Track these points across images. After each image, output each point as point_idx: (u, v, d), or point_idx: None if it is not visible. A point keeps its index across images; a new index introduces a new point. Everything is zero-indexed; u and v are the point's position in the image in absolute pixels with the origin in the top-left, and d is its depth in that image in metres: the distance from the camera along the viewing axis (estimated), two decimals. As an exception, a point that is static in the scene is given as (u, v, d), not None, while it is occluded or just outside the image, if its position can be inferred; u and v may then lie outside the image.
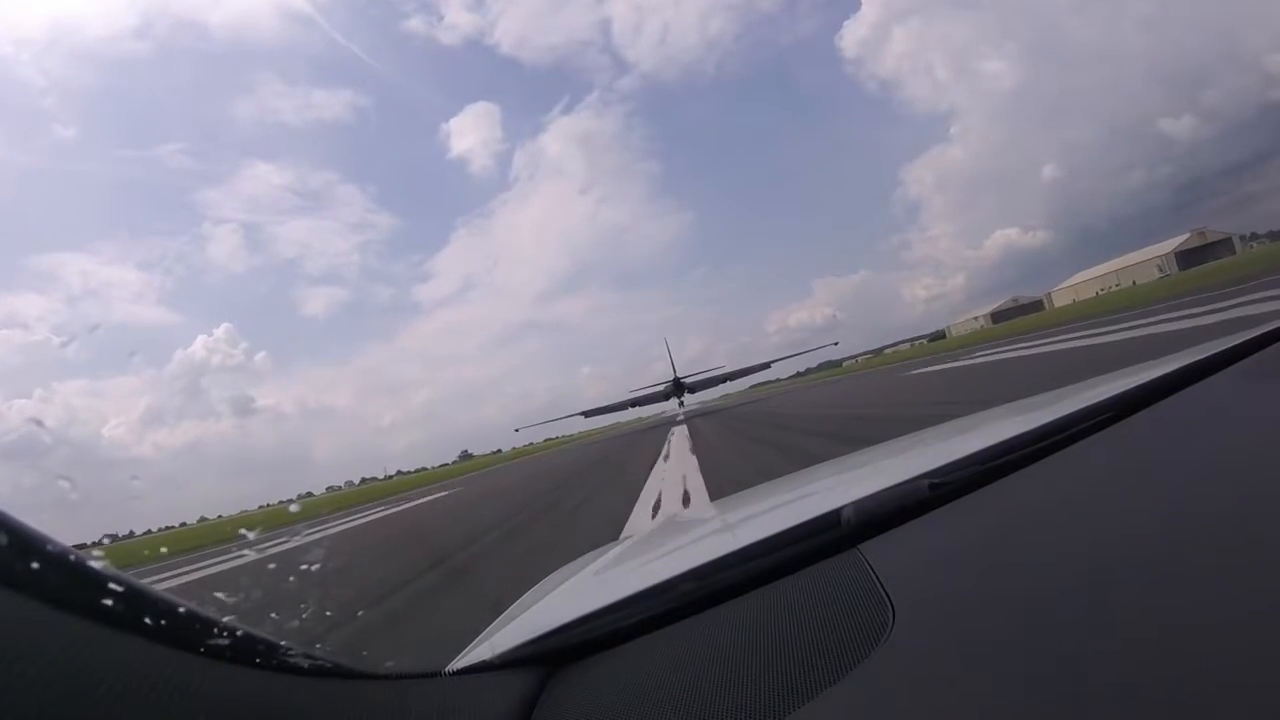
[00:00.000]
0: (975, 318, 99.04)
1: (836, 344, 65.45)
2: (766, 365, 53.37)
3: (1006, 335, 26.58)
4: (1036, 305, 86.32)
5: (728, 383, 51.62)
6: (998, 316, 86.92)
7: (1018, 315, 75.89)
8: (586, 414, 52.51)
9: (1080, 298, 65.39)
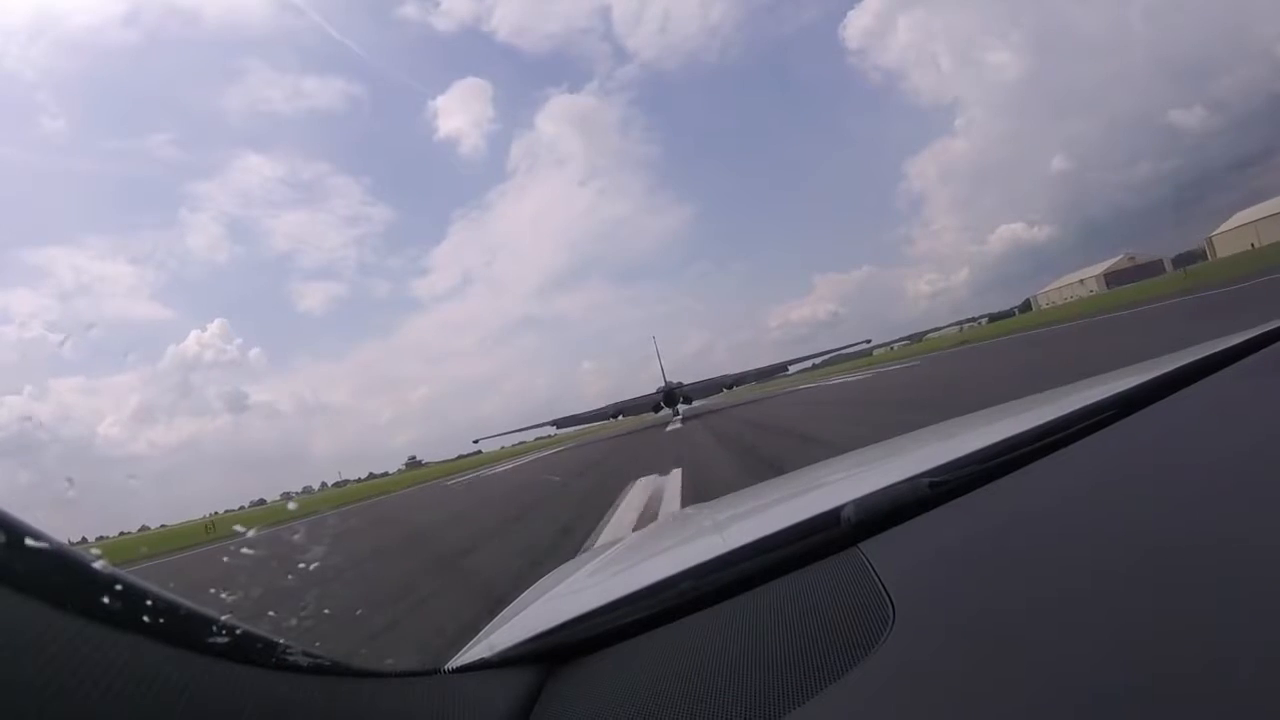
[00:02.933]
0: (1081, 281, 74.41)
1: (869, 341, 60.14)
2: (784, 367, 46.31)
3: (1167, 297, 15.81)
4: (1157, 267, 71.47)
5: (736, 387, 44.26)
6: (1112, 279, 63.23)
7: (1138, 278, 52.34)
8: (559, 423, 44.88)
9: (1264, 241, 41.67)
